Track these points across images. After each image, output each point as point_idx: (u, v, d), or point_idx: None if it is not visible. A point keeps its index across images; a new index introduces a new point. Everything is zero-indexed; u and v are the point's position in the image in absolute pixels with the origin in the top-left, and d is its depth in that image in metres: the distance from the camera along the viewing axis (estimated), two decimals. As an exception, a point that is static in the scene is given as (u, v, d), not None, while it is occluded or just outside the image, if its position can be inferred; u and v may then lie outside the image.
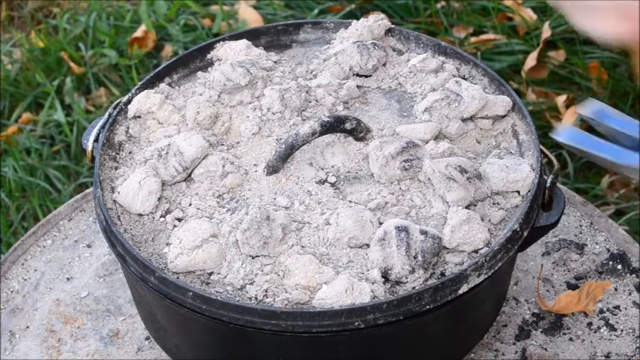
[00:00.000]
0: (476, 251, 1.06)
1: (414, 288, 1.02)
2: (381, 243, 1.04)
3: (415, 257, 1.03)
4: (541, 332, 1.24)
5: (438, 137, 1.15)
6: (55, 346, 1.26)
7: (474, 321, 1.17)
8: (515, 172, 1.10)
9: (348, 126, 1.11)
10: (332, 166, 1.13)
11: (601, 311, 1.26)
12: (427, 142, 1.13)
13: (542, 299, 1.27)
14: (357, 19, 1.28)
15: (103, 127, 1.19)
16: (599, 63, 2.06)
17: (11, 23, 2.39)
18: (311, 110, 1.18)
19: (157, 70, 1.25)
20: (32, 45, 2.26)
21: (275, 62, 1.25)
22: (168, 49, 2.22)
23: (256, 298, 1.02)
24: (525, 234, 1.08)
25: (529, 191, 1.09)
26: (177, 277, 1.05)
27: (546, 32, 2.13)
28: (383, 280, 1.03)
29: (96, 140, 1.18)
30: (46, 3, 2.42)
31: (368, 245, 1.05)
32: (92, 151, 1.18)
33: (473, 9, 2.25)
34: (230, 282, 1.04)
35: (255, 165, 1.13)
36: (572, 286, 1.29)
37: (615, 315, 1.26)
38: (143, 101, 1.19)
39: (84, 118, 2.07)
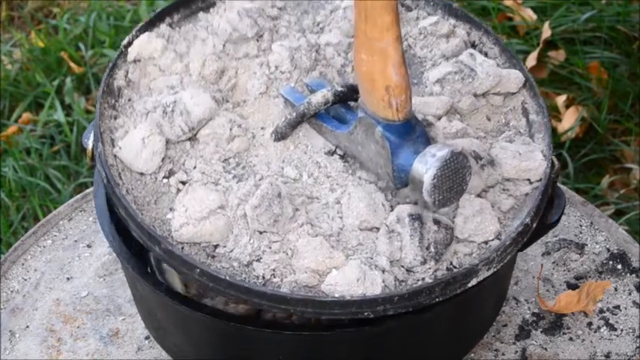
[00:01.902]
0: (486, 242, 1.03)
1: (423, 279, 0.99)
2: (393, 230, 1.00)
3: (428, 248, 0.99)
4: (541, 332, 1.23)
5: (449, 113, 1.11)
6: (55, 345, 1.23)
7: (475, 320, 1.15)
8: (528, 159, 1.07)
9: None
10: None
11: (601, 311, 1.24)
12: (439, 119, 1.09)
13: (542, 299, 1.25)
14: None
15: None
16: (599, 63, 2.03)
17: (11, 23, 2.37)
18: (319, 70, 1.12)
19: (158, 10, 1.17)
20: (32, 45, 2.22)
21: (280, 9, 1.19)
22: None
23: (263, 277, 0.99)
24: (534, 227, 1.05)
25: (540, 180, 1.06)
26: (182, 248, 1.00)
27: (546, 32, 2.10)
28: (392, 268, 1.00)
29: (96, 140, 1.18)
30: (46, 3, 2.41)
31: (378, 229, 1.02)
32: (92, 150, 1.17)
33: (473, 9, 2.23)
34: (236, 257, 1.00)
35: (262, 128, 1.09)
36: (572, 286, 1.27)
37: (615, 315, 1.24)
38: (144, 46, 1.12)
39: (84, 118, 2.05)
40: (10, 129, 2.08)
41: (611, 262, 1.31)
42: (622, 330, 1.24)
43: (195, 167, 1.06)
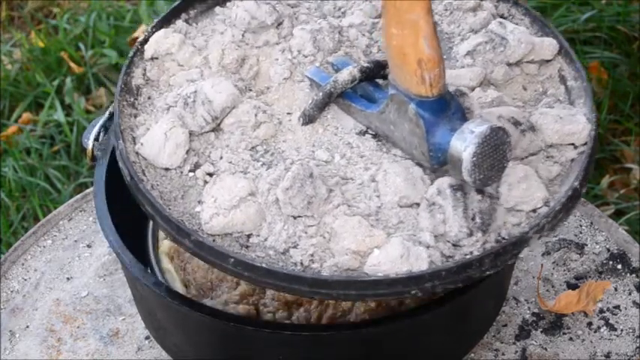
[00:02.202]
0: (534, 210, 0.96)
1: (471, 253, 0.93)
2: (434, 203, 0.94)
3: (473, 219, 0.93)
4: (541, 332, 1.20)
5: (482, 84, 1.05)
6: (55, 345, 1.22)
7: (475, 320, 1.14)
8: (571, 123, 1.00)
9: (388, 72, 0.98)
10: None
11: (601, 311, 1.22)
12: (473, 90, 1.04)
13: (542, 299, 1.22)
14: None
15: (103, 125, 1.12)
16: (599, 63, 2.01)
17: (11, 23, 2.36)
18: (344, 51, 1.07)
19: (173, 5, 1.12)
20: (32, 45, 2.20)
21: None
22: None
23: (302, 264, 0.93)
24: (584, 191, 0.99)
25: (585, 144, 1.00)
26: (214, 240, 0.95)
27: (546, 32, 2.13)
28: (438, 243, 0.94)
29: (96, 139, 1.13)
30: (46, 3, 2.40)
31: (418, 204, 0.95)
32: (92, 150, 1.17)
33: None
34: (272, 245, 0.94)
35: (288, 114, 1.04)
36: (572, 286, 1.25)
37: (615, 315, 1.22)
38: (161, 41, 1.08)
39: (84, 118, 2.04)
40: (10, 129, 2.08)
41: (611, 262, 1.29)
42: (622, 330, 1.23)
43: (221, 158, 1.01)
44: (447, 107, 0.94)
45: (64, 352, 1.22)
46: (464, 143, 0.91)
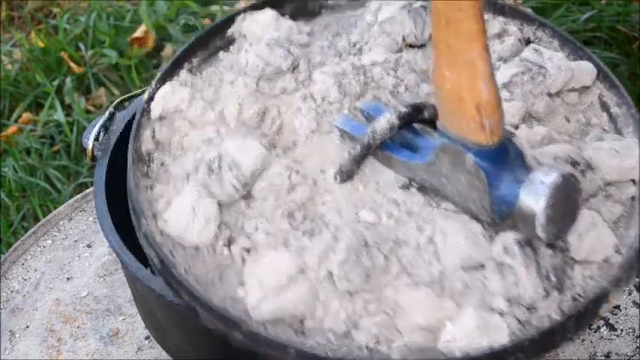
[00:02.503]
0: (606, 260, 0.87)
1: (549, 316, 0.83)
2: (502, 263, 0.84)
3: (547, 277, 0.83)
4: None
5: (525, 119, 0.96)
6: (55, 345, 1.20)
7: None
8: (630, 157, 0.91)
9: (427, 114, 0.89)
10: None
11: None
12: (517, 127, 0.94)
13: None
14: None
15: (103, 125, 1.07)
16: None
17: (11, 23, 2.37)
18: (372, 95, 0.96)
19: (175, 56, 1.01)
20: (32, 45, 2.19)
21: (308, 35, 1.04)
22: (168, 49, 2.22)
23: (367, 347, 0.82)
24: None
25: None
26: (266, 329, 0.83)
27: (546, 32, 2.13)
28: (512, 308, 0.84)
29: (96, 139, 1.16)
30: (46, 3, 2.41)
31: (483, 265, 0.84)
32: (92, 150, 1.16)
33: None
34: (330, 328, 0.83)
35: (322, 171, 0.92)
36: None
37: (615, 315, 1.18)
38: (168, 98, 0.97)
39: (84, 118, 2.02)
40: (10, 129, 2.06)
41: (611, 262, 1.30)
42: (622, 330, 1.22)
43: (257, 229, 0.89)
44: (507, 154, 0.84)
45: (64, 352, 1.21)
46: (535, 196, 0.81)
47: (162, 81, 0.99)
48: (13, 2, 2.37)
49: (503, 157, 0.83)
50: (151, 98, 0.97)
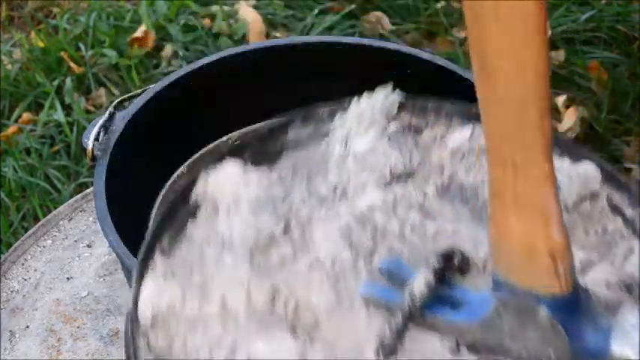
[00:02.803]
0: None
1: None
2: None
3: None
4: None
5: None
6: (55, 345, 1.22)
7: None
8: None
9: (456, 262, 0.80)
10: None
11: None
12: None
13: None
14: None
15: (103, 125, 1.08)
16: (599, 63, 1.98)
17: (11, 23, 2.36)
18: (386, 249, 0.83)
19: (142, 251, 0.84)
20: (32, 45, 2.17)
21: (279, 183, 0.90)
22: (168, 49, 2.22)
23: None
24: None
25: None
26: None
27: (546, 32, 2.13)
28: None
29: (96, 139, 1.10)
30: (46, 3, 2.40)
31: None
32: (92, 150, 1.16)
33: (473, 9, 2.24)
34: None
35: (359, 352, 0.78)
36: None
37: None
38: (156, 302, 0.80)
39: (84, 118, 2.00)
40: (10, 129, 2.04)
41: (611, 262, 1.30)
42: (622, 330, 1.23)
43: None
44: (579, 300, 0.75)
45: (64, 352, 1.22)
46: (630, 344, 0.74)
47: (140, 275, 0.83)
48: (13, 2, 2.37)
49: (578, 304, 0.75)
50: (135, 303, 0.81)
